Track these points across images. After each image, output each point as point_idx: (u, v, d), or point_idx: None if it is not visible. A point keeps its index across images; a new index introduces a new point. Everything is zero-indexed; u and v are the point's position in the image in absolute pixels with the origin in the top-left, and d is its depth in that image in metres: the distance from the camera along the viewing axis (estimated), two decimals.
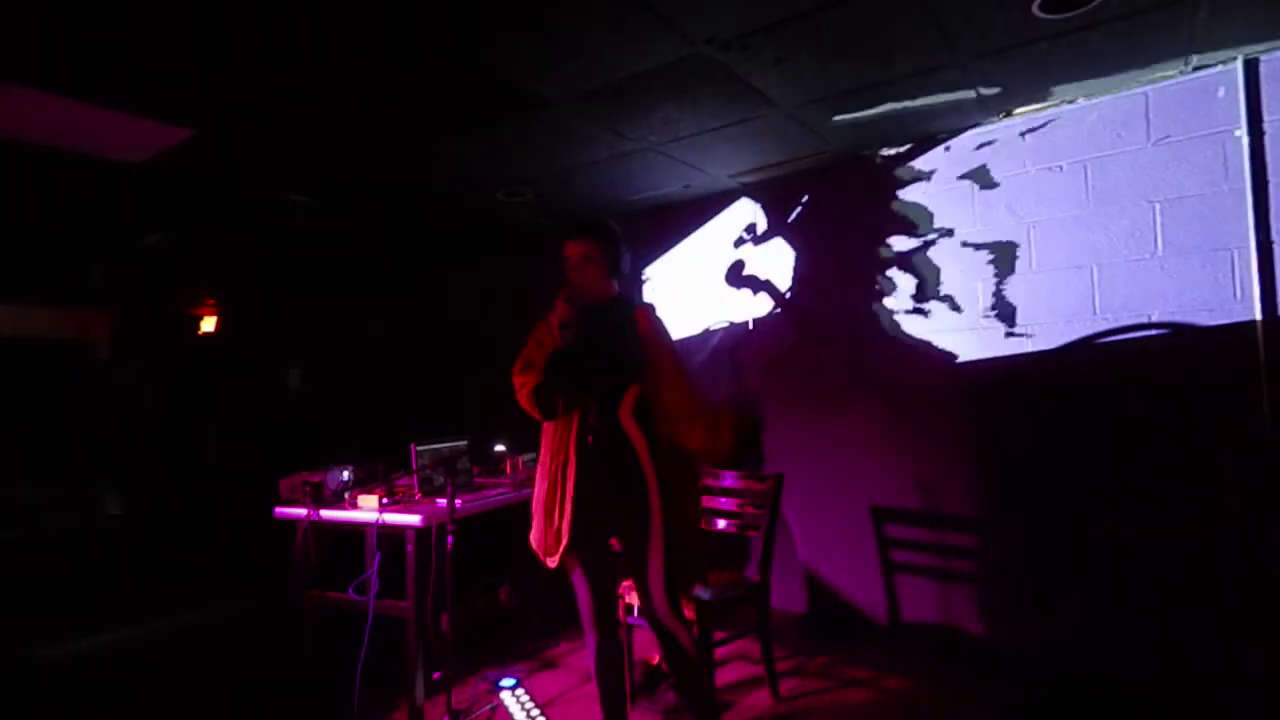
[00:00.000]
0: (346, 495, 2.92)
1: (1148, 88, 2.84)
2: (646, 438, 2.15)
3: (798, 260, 3.82)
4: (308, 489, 2.89)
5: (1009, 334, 3.16)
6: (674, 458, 2.19)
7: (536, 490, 2.24)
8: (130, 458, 5.13)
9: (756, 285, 3.95)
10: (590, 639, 2.20)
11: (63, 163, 3.14)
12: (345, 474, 3.01)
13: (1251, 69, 2.65)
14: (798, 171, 3.74)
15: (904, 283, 3.46)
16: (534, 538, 2.23)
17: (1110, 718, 2.68)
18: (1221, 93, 2.71)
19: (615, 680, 2.25)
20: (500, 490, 3.10)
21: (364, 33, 2.23)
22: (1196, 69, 2.73)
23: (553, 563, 2.17)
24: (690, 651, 2.21)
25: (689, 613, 2.46)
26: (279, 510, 2.97)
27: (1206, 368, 2.72)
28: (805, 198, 3.80)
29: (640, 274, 4.42)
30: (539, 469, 2.24)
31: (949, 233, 3.33)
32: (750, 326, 3.98)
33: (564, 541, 2.11)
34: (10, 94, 2.50)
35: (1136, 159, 2.88)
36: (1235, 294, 2.67)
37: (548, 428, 2.22)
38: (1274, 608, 2.56)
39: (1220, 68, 2.70)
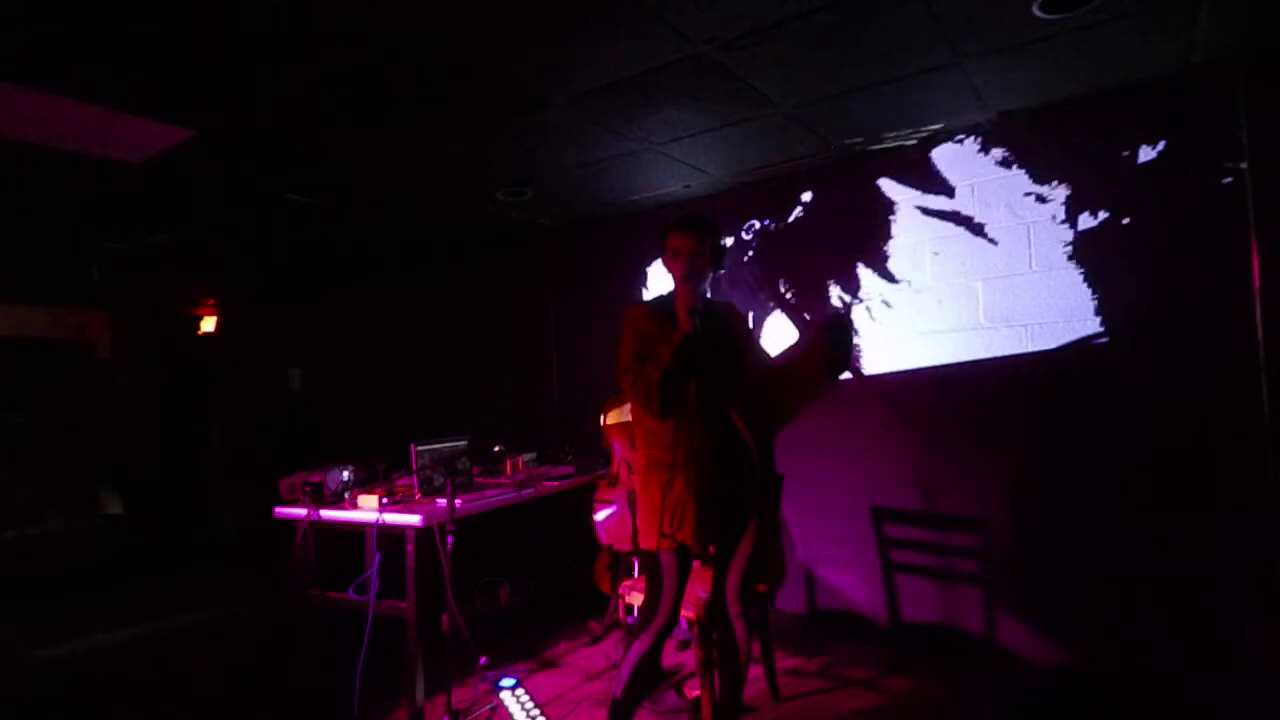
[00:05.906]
0: (346, 495, 2.92)
1: (1147, 88, 2.84)
2: (754, 434, 2.16)
3: (798, 259, 3.82)
4: (308, 489, 2.89)
5: (1008, 334, 3.16)
6: (771, 458, 2.26)
7: (649, 484, 2.18)
8: (130, 458, 5.14)
9: (756, 285, 3.95)
10: (650, 633, 2.18)
11: (63, 163, 3.14)
12: (345, 474, 3.01)
13: (1251, 68, 2.65)
14: (798, 171, 3.74)
15: (903, 282, 3.46)
16: (640, 529, 2.22)
17: (1109, 718, 2.68)
18: (1221, 92, 2.70)
19: (651, 677, 2.29)
20: (500, 490, 3.10)
21: (363, 32, 2.23)
22: (1196, 68, 2.72)
23: (666, 550, 2.14)
24: (741, 647, 2.28)
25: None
26: (279, 510, 2.97)
27: (1205, 367, 2.72)
28: (805, 197, 3.80)
29: (644, 274, 4.42)
30: (645, 460, 2.21)
31: (949, 232, 3.33)
32: (750, 326, 3.98)
33: (687, 534, 2.10)
34: (10, 94, 2.50)
35: (1136, 159, 2.88)
36: (1236, 294, 2.67)
37: (652, 423, 2.17)
38: (1275, 608, 2.56)
39: (1220, 67, 2.69)
